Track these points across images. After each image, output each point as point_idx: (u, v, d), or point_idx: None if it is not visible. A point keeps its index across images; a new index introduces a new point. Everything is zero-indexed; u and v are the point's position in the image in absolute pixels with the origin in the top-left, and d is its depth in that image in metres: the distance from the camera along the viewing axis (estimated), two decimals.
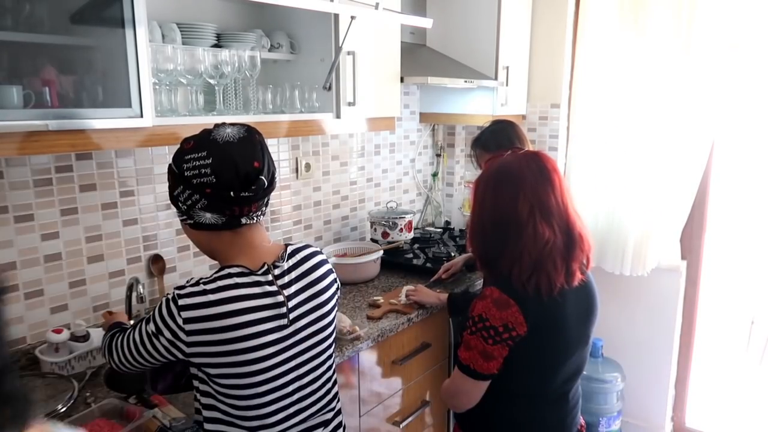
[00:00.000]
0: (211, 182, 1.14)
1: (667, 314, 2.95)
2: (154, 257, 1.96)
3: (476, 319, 1.40)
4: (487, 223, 1.44)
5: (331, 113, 2.04)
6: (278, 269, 1.23)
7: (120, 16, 1.38)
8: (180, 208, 1.22)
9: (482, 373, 1.41)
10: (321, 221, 2.61)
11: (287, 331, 1.22)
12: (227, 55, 1.77)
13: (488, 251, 1.46)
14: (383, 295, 2.20)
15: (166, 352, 1.17)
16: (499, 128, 2.18)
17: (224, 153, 1.15)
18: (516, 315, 1.36)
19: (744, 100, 2.72)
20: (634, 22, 2.70)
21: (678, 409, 3.14)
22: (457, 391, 1.48)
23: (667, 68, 2.64)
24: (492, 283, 1.43)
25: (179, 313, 1.13)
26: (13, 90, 1.29)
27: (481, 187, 1.47)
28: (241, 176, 1.15)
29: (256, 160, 1.17)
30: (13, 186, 1.62)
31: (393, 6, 2.17)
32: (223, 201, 1.16)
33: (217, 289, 1.15)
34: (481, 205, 1.46)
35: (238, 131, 1.19)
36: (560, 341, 1.44)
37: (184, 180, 1.17)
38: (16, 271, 1.65)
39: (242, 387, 1.19)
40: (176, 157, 1.20)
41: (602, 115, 2.85)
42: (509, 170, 1.42)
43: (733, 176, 3.19)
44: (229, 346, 1.15)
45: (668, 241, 2.83)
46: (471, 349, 1.42)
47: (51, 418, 1.36)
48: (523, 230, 1.37)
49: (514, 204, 1.38)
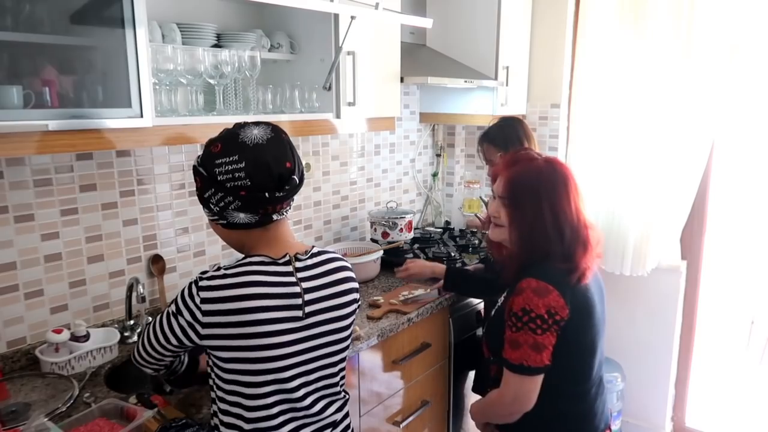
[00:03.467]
0: (245, 185, 1.17)
1: (667, 314, 2.96)
2: (154, 257, 1.96)
3: (519, 314, 1.42)
4: (555, 224, 1.47)
5: (331, 113, 2.04)
6: (300, 262, 1.26)
7: (120, 16, 1.38)
8: (212, 210, 1.23)
9: (537, 366, 1.42)
10: (321, 221, 2.61)
11: (301, 323, 1.23)
12: (227, 55, 1.77)
13: (545, 250, 1.48)
14: (383, 295, 2.20)
15: (183, 334, 1.20)
16: (507, 124, 2.20)
17: (256, 156, 1.17)
18: (557, 299, 1.40)
19: (744, 101, 2.72)
20: (634, 22, 2.70)
21: (678, 409, 3.14)
22: (515, 395, 1.47)
23: (666, 68, 2.64)
24: (524, 276, 1.45)
25: (198, 293, 1.17)
26: (13, 90, 1.29)
27: (542, 190, 1.49)
28: (275, 178, 1.18)
29: (287, 160, 1.20)
30: (13, 186, 1.62)
31: (393, 6, 2.17)
32: (258, 202, 1.19)
33: (237, 275, 1.18)
34: (545, 210, 1.47)
35: (265, 132, 1.21)
36: (594, 320, 1.49)
37: (216, 183, 1.19)
38: (16, 271, 1.65)
39: (250, 373, 1.19)
40: (206, 161, 1.20)
41: (602, 115, 2.85)
42: (563, 176, 1.51)
43: (733, 176, 3.19)
44: (242, 329, 1.16)
45: (668, 241, 2.83)
46: (520, 346, 1.42)
47: (51, 418, 1.36)
48: (580, 232, 1.48)
49: (574, 208, 1.49)
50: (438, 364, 2.26)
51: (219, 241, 2.15)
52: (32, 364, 1.66)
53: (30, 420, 1.28)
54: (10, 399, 1.48)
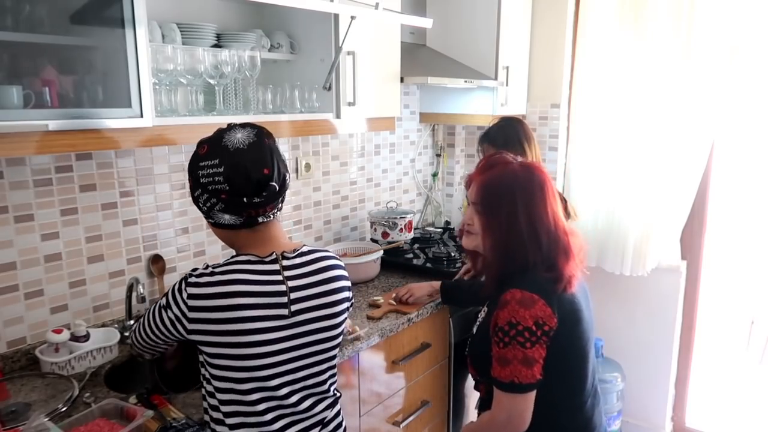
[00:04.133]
0: (224, 189, 1.19)
1: (667, 314, 2.96)
2: (154, 257, 1.96)
3: (506, 328, 1.34)
4: (531, 230, 1.41)
5: (331, 113, 2.04)
6: (287, 261, 1.27)
7: (120, 16, 1.38)
8: (201, 209, 1.27)
9: (529, 382, 1.35)
10: (321, 221, 2.61)
11: (287, 322, 1.23)
12: (227, 55, 1.77)
13: (522, 259, 1.41)
14: (383, 295, 2.20)
15: (172, 327, 1.23)
16: (508, 124, 2.19)
17: (234, 161, 1.18)
18: (544, 308, 1.34)
19: (744, 101, 2.72)
20: (634, 22, 2.70)
21: (678, 409, 3.14)
22: (509, 415, 1.38)
23: (666, 68, 2.64)
24: (508, 288, 1.38)
25: (186, 289, 1.20)
26: (13, 90, 1.29)
27: (517, 195, 1.42)
28: (253, 183, 1.19)
29: (266, 167, 1.20)
30: (13, 186, 1.62)
31: (393, 6, 2.17)
32: (237, 206, 1.21)
33: (224, 272, 1.21)
34: (519, 215, 1.41)
35: (248, 136, 1.21)
36: (583, 327, 1.44)
37: (200, 185, 1.22)
38: (16, 271, 1.65)
39: (235, 369, 1.21)
40: (192, 163, 1.24)
41: (602, 115, 2.85)
42: (538, 180, 1.44)
43: (733, 176, 3.19)
44: (227, 326, 1.18)
45: (668, 241, 2.83)
46: (509, 363, 1.34)
47: (51, 418, 1.36)
48: (559, 238, 1.42)
49: (552, 213, 1.42)
50: (438, 364, 2.26)
51: (219, 241, 2.13)
52: (32, 364, 1.66)
53: (30, 420, 1.28)
54: (10, 399, 1.48)
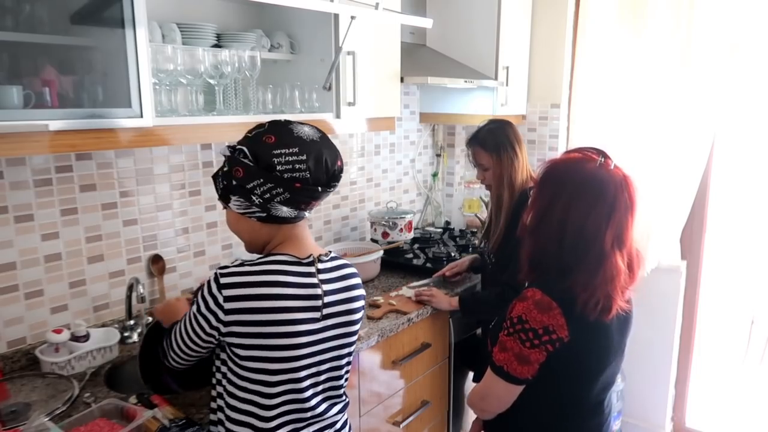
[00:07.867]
0: (303, 177, 1.18)
1: (667, 314, 2.95)
2: (154, 257, 1.96)
3: (515, 320, 1.34)
4: (560, 230, 1.33)
5: (331, 113, 2.04)
6: (321, 264, 1.28)
7: (120, 16, 1.38)
8: (252, 201, 1.18)
9: (516, 377, 1.35)
10: (321, 221, 2.61)
11: (318, 325, 1.24)
12: (227, 55, 1.77)
13: (548, 257, 1.36)
14: (383, 295, 2.20)
15: (210, 329, 1.18)
16: (497, 127, 2.17)
17: (316, 151, 1.20)
18: (557, 318, 1.29)
19: (744, 100, 2.72)
20: (633, 22, 2.70)
21: (678, 409, 3.14)
22: (487, 393, 1.42)
23: (666, 68, 2.64)
24: (534, 284, 1.36)
25: (220, 291, 1.16)
26: (13, 90, 1.29)
27: (567, 188, 1.34)
28: (330, 174, 1.23)
29: (339, 159, 1.26)
30: (13, 186, 1.62)
31: (393, 6, 2.17)
32: (308, 196, 1.20)
33: (261, 272, 1.19)
34: (556, 208, 1.34)
35: (313, 131, 1.24)
36: (602, 350, 1.37)
37: (269, 174, 1.16)
38: (16, 271, 1.65)
39: (267, 372, 1.19)
40: (260, 151, 1.16)
41: (602, 115, 2.85)
42: (603, 191, 1.33)
43: (734, 176, 3.18)
44: (264, 328, 1.17)
45: (668, 241, 2.83)
46: (506, 351, 1.35)
47: (51, 418, 1.36)
48: (605, 260, 1.31)
49: (598, 228, 1.31)
50: (438, 364, 2.26)
51: (219, 241, 2.16)
52: (32, 364, 1.66)
53: (30, 420, 1.28)
54: (10, 399, 1.48)
